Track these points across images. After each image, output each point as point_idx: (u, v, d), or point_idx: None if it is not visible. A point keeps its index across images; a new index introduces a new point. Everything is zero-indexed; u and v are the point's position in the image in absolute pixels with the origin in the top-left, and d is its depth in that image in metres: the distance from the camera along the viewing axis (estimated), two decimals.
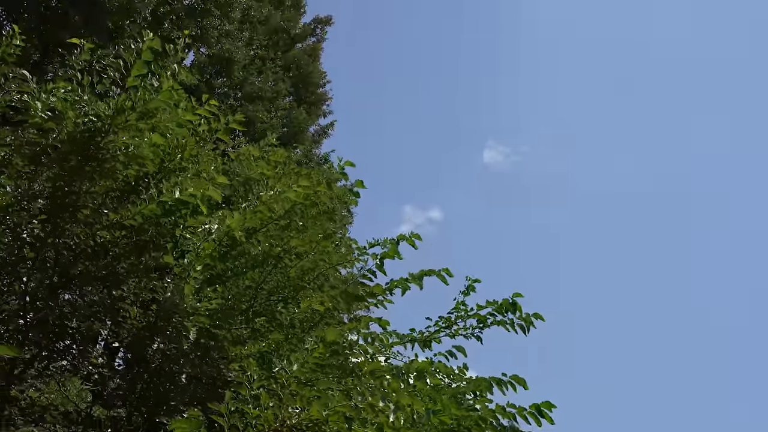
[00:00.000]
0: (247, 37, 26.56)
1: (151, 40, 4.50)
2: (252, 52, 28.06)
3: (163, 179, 5.15)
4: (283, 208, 5.10)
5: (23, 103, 4.62)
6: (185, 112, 4.83)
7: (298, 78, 31.66)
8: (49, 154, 4.72)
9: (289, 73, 30.88)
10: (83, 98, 4.64)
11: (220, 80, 27.24)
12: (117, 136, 4.63)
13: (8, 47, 5.03)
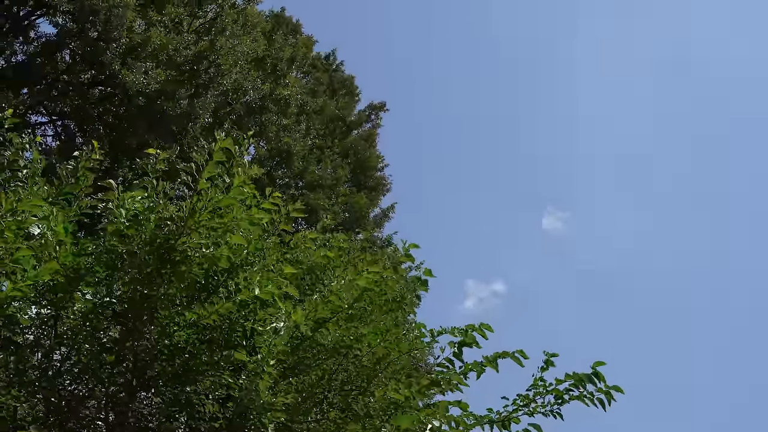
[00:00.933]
0: (304, 129, 27.30)
1: (223, 140, 4.69)
2: (310, 142, 28.78)
3: (234, 275, 5.26)
4: (352, 296, 5.14)
5: (107, 211, 4.83)
6: (256, 210, 4.97)
7: (356, 164, 32.27)
8: (127, 260, 4.89)
9: (348, 160, 31.51)
10: (159, 204, 4.83)
11: (281, 171, 27.95)
12: (190, 238, 4.78)
13: (87, 162, 5.31)
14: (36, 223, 4.41)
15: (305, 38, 30.80)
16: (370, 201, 32.03)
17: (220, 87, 20.18)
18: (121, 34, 18.24)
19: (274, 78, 23.00)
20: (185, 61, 20.01)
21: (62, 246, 4.80)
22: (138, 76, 18.19)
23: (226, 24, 20.99)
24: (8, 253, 4.58)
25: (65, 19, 19.93)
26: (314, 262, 6.38)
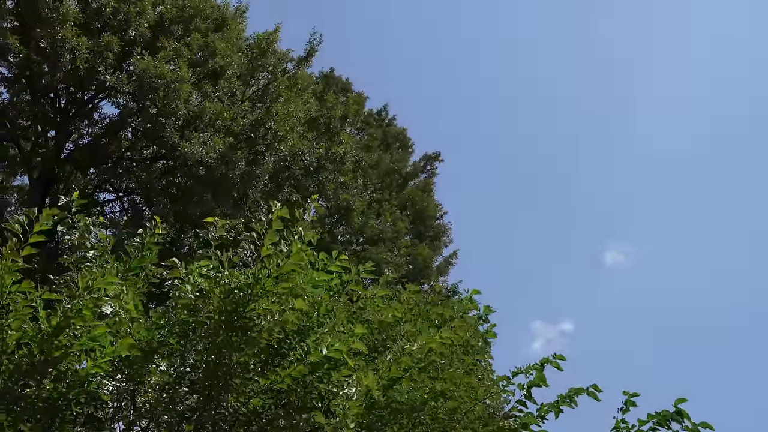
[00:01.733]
0: (361, 184, 27.57)
1: (279, 209, 4.79)
2: (368, 197, 29.04)
3: (304, 338, 5.30)
4: (423, 352, 5.13)
5: (174, 287, 4.96)
6: (319, 273, 5.03)
7: (415, 215, 32.36)
8: (198, 331, 4.99)
9: (406, 212, 31.64)
10: (224, 273, 4.93)
11: (342, 227, 28.20)
12: (258, 305, 4.85)
13: (152, 237, 5.47)
14: (109, 302, 4.54)
15: (356, 95, 31.36)
16: (432, 250, 31.99)
17: (277, 152, 20.59)
18: (179, 108, 18.86)
19: (329, 137, 23.38)
20: (242, 130, 20.53)
21: (136, 321, 4.93)
22: (197, 146, 18.72)
23: (279, 91, 21.50)
24: (86, 331, 4.72)
25: (126, 99, 20.73)
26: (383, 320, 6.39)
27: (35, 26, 18.71)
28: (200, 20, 21.32)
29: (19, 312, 4.59)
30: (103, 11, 19.89)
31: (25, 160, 22.25)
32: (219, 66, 20.78)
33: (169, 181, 22.02)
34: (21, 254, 4.50)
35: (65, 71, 19.23)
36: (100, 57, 19.08)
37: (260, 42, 22.05)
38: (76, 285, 4.90)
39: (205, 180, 19.72)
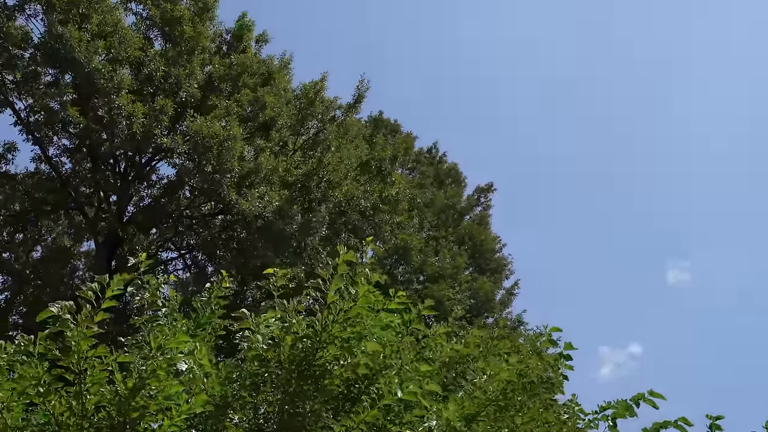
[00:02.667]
0: (417, 223, 27.61)
1: (345, 254, 4.82)
2: (425, 235, 29.04)
3: (374, 381, 5.29)
4: (497, 388, 5.06)
5: (244, 339, 5.02)
6: (386, 314, 5.03)
7: (473, 249, 32.21)
8: (269, 381, 5.02)
9: (464, 246, 31.51)
10: (293, 322, 4.97)
11: (401, 267, 28.21)
12: (327, 351, 4.87)
13: (219, 290, 5.56)
14: (183, 360, 4.61)
15: (405, 136, 31.59)
16: (493, 283, 31.73)
17: (332, 199, 20.81)
18: (233, 165, 19.25)
19: (381, 178, 23.55)
20: (296, 181, 20.83)
21: (209, 377, 4.99)
22: (254, 201, 19.03)
23: (330, 140, 21.77)
24: (161, 390, 4.79)
25: (182, 159, 21.27)
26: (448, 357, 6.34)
27: (92, 97, 19.43)
28: (247, 76, 21.85)
29: (96, 376, 4.69)
30: (155, 76, 20.55)
31: (90, 226, 22.92)
32: (269, 118, 21.22)
33: (229, 235, 22.40)
34: (95, 320, 4.61)
35: (123, 137, 19.87)
36: (155, 120, 19.66)
37: (308, 92, 22.45)
38: (148, 345, 5.00)
39: (264, 232, 20.00)
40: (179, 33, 21.21)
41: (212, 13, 22.58)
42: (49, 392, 4.60)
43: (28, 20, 20.46)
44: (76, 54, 18.65)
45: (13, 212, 23.27)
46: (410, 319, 5.79)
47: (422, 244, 28.19)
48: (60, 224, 26.44)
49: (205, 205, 22.57)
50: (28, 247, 26.61)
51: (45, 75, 21.36)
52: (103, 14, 20.03)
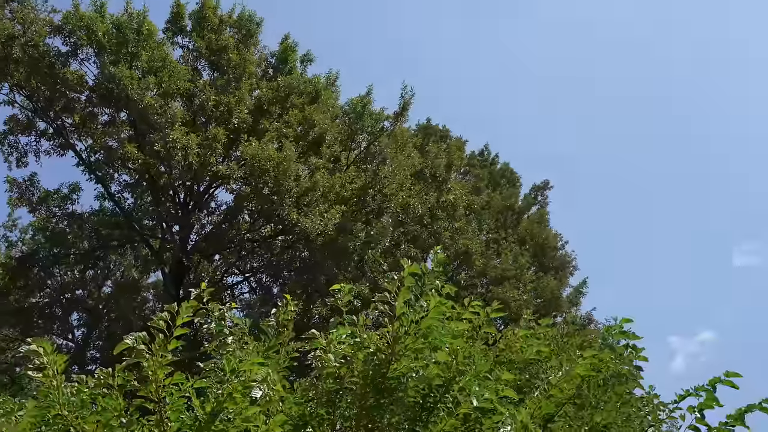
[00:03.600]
0: (476, 227, 27.43)
1: (410, 266, 4.81)
2: (484, 238, 28.83)
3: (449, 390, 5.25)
4: (573, 386, 4.96)
5: (316, 358, 5.04)
6: (456, 322, 5.00)
7: (535, 248, 31.83)
8: (345, 398, 5.03)
9: (525, 246, 31.18)
10: (364, 337, 4.98)
11: (464, 272, 28.05)
12: (400, 363, 4.86)
13: (285, 314, 5.61)
14: (258, 385, 4.65)
15: (456, 141, 31.45)
16: (558, 281, 31.29)
17: (389, 210, 20.85)
18: (290, 186, 19.45)
19: (436, 186, 23.50)
20: (352, 195, 20.94)
21: (285, 399, 5.02)
22: (315, 219, 19.16)
23: (383, 151, 21.81)
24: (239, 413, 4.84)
25: (239, 184, 21.60)
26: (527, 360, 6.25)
27: (148, 132, 19.90)
28: (295, 96, 22.09)
29: (175, 403, 4.77)
30: (206, 106, 20.94)
31: (156, 257, 23.45)
32: (319, 135, 21.40)
33: (291, 255, 22.63)
34: (169, 348, 4.69)
35: (180, 168, 20.29)
36: (210, 149, 20.02)
37: (355, 106, 22.58)
38: (222, 370, 5.06)
39: (325, 250, 20.14)
40: (226, 61, 21.61)
41: (256, 39, 22.94)
42: (131, 422, 4.70)
43: (81, 64, 21.15)
44: (129, 92, 19.15)
45: (82, 250, 23.96)
46: (480, 324, 5.75)
47: (483, 247, 27.99)
48: (127, 258, 27.14)
49: (265, 227, 22.86)
50: (99, 283, 27.37)
51: (101, 115, 22.02)
52: (151, 51, 20.52)
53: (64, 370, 4.32)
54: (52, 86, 20.55)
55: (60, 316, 25.80)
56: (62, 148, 22.24)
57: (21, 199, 23.16)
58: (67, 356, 4.36)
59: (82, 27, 20.17)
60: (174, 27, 22.51)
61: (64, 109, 21.33)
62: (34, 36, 19.93)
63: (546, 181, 35.64)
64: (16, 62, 19.75)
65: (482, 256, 27.68)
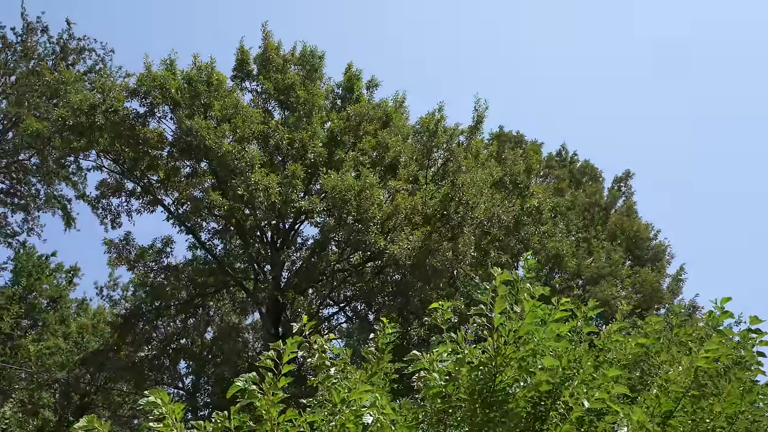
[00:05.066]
0: (564, 228, 26.99)
1: (501, 274, 4.80)
2: (573, 239, 28.31)
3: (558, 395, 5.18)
4: (690, 379, 4.83)
5: (421, 379, 5.07)
6: (555, 325, 4.94)
7: (627, 241, 31.06)
8: (455, 415, 5.03)
9: (617, 241, 30.45)
10: (465, 353, 4.98)
11: (557, 276, 27.59)
12: (505, 374, 4.83)
13: (384, 337, 5.67)
14: (368, 412, 4.70)
15: (532, 144, 31.11)
16: (657, 272, 30.41)
17: (473, 222, 20.73)
18: (374, 212, 19.57)
19: (518, 192, 23.26)
20: (434, 212, 20.92)
21: (396, 423, 5.05)
22: (401, 244, 19.19)
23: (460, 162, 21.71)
24: None
25: (322, 217, 21.91)
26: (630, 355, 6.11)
27: (229, 178, 20.44)
28: (366, 123, 22.31)
29: None
30: (281, 145, 21.39)
31: (252, 299, 23.95)
32: (394, 157, 21.51)
33: (383, 280, 22.75)
34: (279, 386, 4.80)
35: (264, 209, 20.74)
36: (290, 187, 20.40)
37: (427, 124, 22.62)
38: (331, 402, 5.14)
39: (415, 270, 20.16)
40: (295, 99, 22.06)
41: (320, 72, 23.35)
42: None
43: (159, 122, 21.98)
44: (207, 142, 19.75)
45: (181, 300, 24.71)
46: (577, 325, 5.66)
47: (573, 248, 27.49)
48: (224, 303, 27.82)
49: (353, 255, 23.07)
50: (201, 330, 28.13)
51: (184, 167, 22.79)
52: (222, 99, 21.15)
53: (182, 418, 4.48)
54: (135, 147, 21.39)
55: (168, 366, 26.60)
56: (151, 204, 23.09)
57: (119, 259, 24.12)
58: (183, 404, 4.52)
59: (155, 87, 20.96)
60: (241, 73, 23.14)
61: (148, 167, 22.17)
62: (114, 102, 20.83)
63: (627, 171, 34.84)
64: (100, 129, 20.66)
65: (574, 257, 27.17)
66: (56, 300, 30.96)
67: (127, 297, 30.09)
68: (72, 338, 30.08)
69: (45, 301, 30.95)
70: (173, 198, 22.94)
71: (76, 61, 28.98)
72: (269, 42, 22.84)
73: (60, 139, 21.24)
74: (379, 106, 23.07)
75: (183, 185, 22.32)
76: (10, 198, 29.34)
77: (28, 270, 30.35)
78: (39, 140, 21.99)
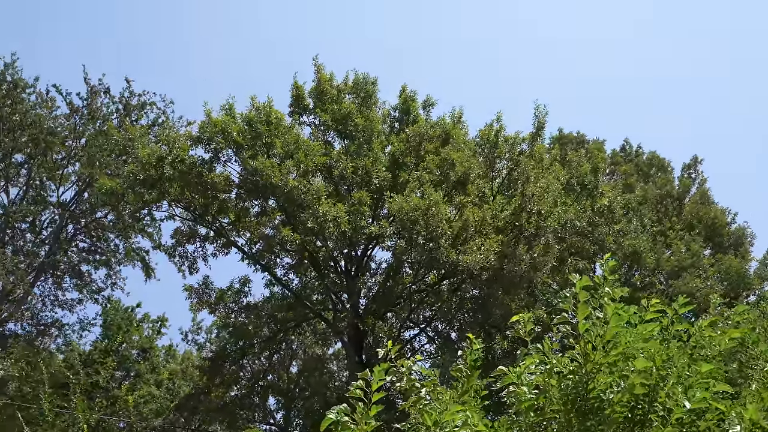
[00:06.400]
0: (637, 225, 26.44)
1: (580, 281, 4.75)
2: (649, 234, 27.69)
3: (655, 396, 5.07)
4: None
5: (511, 394, 5.05)
6: (643, 325, 4.86)
7: (705, 229, 30.22)
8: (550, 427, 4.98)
9: (695, 231, 29.65)
10: (553, 363, 4.93)
11: (637, 273, 27.00)
12: (597, 381, 4.76)
13: (472, 354, 5.66)
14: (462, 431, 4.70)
15: (595, 143, 30.65)
16: (741, 258, 29.46)
17: (546, 230, 20.47)
18: (444, 229, 19.54)
19: (587, 193, 22.91)
20: (506, 224, 20.75)
21: None
22: (474, 255, 19.07)
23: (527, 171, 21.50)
24: None
25: (393, 240, 21.99)
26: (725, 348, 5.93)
27: (298, 212, 20.73)
28: (426, 142, 22.36)
29: None
30: (345, 174, 21.61)
31: (332, 329, 24.14)
32: (458, 172, 21.44)
33: (460, 296, 22.65)
34: (371, 414, 4.84)
35: (335, 239, 20.95)
36: (358, 214, 20.56)
37: (487, 135, 22.52)
38: (424, 425, 5.15)
39: (492, 283, 20.02)
40: (353, 127, 22.28)
41: (375, 98, 23.54)
42: None
43: (224, 165, 22.48)
44: (273, 180, 20.10)
45: (264, 338, 25.10)
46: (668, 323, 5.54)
47: (650, 243, 26.88)
48: (306, 336, 28.12)
49: (428, 275, 23.05)
50: (287, 365, 28.49)
51: (252, 207, 23.22)
52: (283, 136, 21.52)
53: None
54: (204, 192, 21.91)
55: (258, 403, 26.99)
56: (225, 247, 23.58)
57: (200, 303, 24.69)
58: None
59: (217, 132, 21.47)
60: (297, 108, 23.52)
61: (219, 211, 22.67)
62: (179, 152, 21.42)
63: (695, 156, 33.95)
64: (169, 179, 21.26)
65: (652, 252, 26.57)
66: (146, 350, 31.83)
67: (211, 339, 30.70)
68: (164, 385, 30.85)
69: (135, 351, 31.85)
70: (246, 238, 23.37)
71: (140, 117, 30.01)
72: (322, 74, 23.17)
73: (132, 194, 21.92)
74: (438, 124, 23.10)
75: (254, 225, 22.74)
76: (92, 255, 30.41)
77: (117, 323, 31.32)
78: (113, 197, 22.72)
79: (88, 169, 28.10)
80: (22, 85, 28.72)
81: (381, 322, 23.99)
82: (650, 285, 26.39)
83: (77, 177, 29.75)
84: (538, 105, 23.04)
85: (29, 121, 28.13)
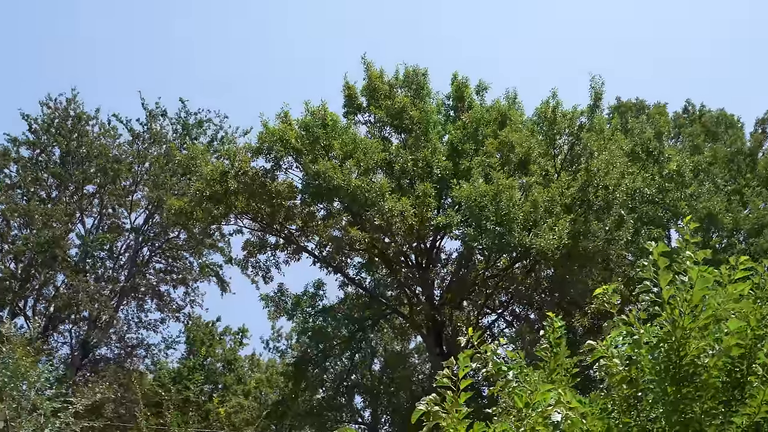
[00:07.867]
0: (710, 186, 25.68)
1: (656, 248, 4.64)
2: (723, 194, 26.85)
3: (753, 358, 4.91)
4: None
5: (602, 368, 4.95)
6: (733, 285, 4.70)
7: None
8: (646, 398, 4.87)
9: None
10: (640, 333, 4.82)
11: (715, 235, 26.22)
12: (689, 347, 4.63)
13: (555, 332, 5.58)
14: (555, 411, 4.63)
15: (656, 108, 29.86)
16: None
17: (615, 202, 20.00)
18: (515, 214, 19.27)
19: (653, 159, 22.36)
20: (574, 201, 20.38)
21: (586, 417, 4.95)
22: (547, 236, 18.73)
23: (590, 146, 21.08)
24: None
25: (461, 228, 21.88)
26: None
27: (363, 211, 20.81)
28: (484, 127, 22.17)
29: None
30: (406, 168, 21.59)
31: (410, 323, 24.18)
32: (519, 153, 21.19)
33: (535, 278, 22.39)
34: (461, 402, 4.82)
35: (402, 233, 20.96)
36: (423, 206, 20.52)
37: (544, 113, 22.17)
38: (515, 408, 5.10)
39: (566, 261, 19.72)
40: (409, 120, 22.23)
41: (427, 89, 23.43)
42: None
43: (286, 173, 22.74)
44: (335, 181, 20.22)
45: (343, 339, 25.31)
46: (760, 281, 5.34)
47: (725, 203, 26.07)
48: (385, 332, 28.26)
49: (499, 259, 22.86)
50: (369, 363, 28.68)
51: (318, 211, 23.42)
52: (340, 137, 21.63)
53: None
54: (269, 201, 22.19)
55: (345, 403, 27.26)
56: (296, 253, 23.85)
57: (278, 311, 25.07)
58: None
59: (276, 141, 21.71)
60: (351, 108, 23.59)
61: (285, 218, 22.94)
62: (241, 164, 21.76)
63: None
64: (234, 193, 21.62)
65: (728, 213, 25.76)
66: (231, 362, 32.49)
67: (292, 345, 31.14)
68: (252, 394, 31.43)
69: (220, 364, 32.55)
70: (315, 242, 23.61)
71: (198, 135, 30.61)
72: (372, 72, 23.19)
73: (201, 211, 22.36)
74: (493, 107, 22.87)
75: (321, 228, 22.93)
76: (169, 275, 31.17)
77: (200, 338, 32.05)
78: (182, 216, 23.22)
79: (156, 192, 28.79)
80: (86, 118, 29.63)
81: (458, 312, 23.91)
82: (730, 246, 25.60)
83: (147, 201, 30.53)
84: (593, 76, 22.54)
85: (96, 152, 29.00)
